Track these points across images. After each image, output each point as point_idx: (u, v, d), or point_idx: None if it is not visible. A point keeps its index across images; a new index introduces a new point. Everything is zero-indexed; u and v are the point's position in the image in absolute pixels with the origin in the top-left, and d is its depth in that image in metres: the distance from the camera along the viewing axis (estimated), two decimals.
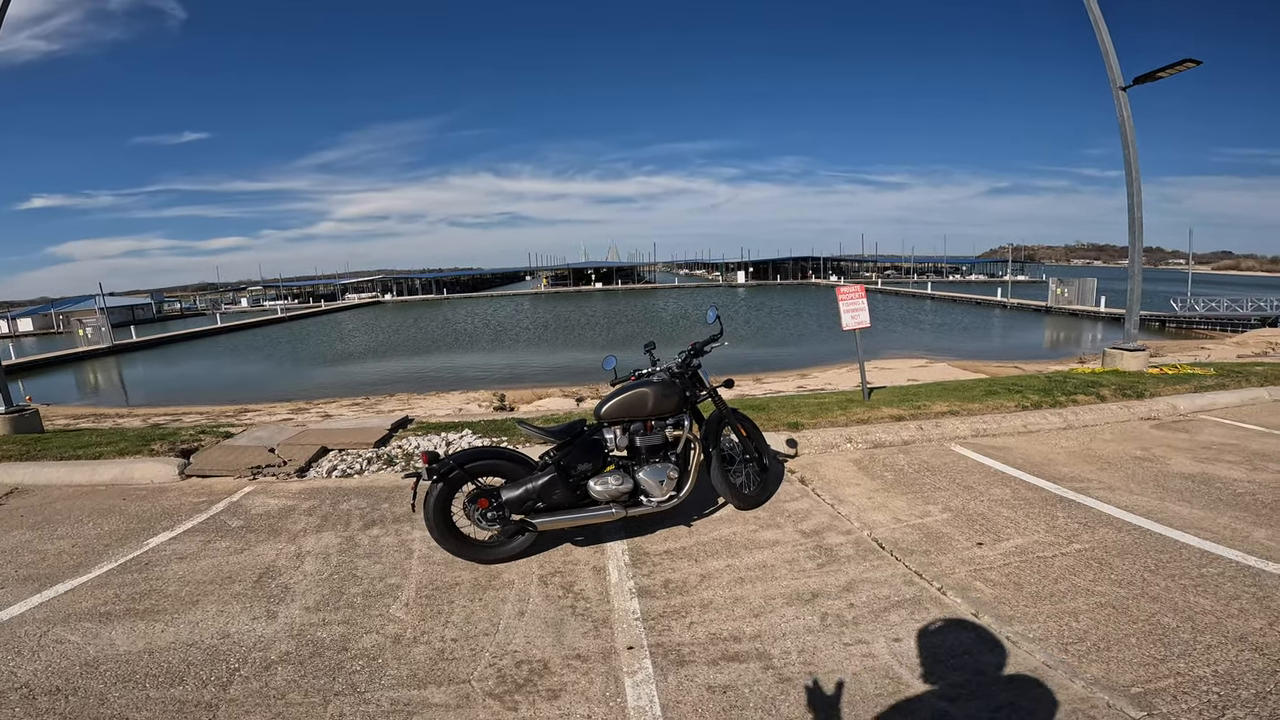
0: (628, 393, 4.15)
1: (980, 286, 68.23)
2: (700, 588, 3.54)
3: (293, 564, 4.02)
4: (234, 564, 4.04)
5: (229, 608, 3.49)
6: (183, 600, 3.59)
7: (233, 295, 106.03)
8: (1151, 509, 4.39)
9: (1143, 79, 8.43)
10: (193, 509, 5.04)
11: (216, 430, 7.24)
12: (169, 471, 5.79)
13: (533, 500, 3.89)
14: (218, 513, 4.95)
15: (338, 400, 18.33)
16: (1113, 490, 4.79)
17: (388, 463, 6.01)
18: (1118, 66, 8.68)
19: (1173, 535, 3.97)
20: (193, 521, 4.77)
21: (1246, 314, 33.03)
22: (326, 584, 3.74)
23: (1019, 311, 44.44)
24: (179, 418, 14.54)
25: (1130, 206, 8.89)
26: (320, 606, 3.48)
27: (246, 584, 3.77)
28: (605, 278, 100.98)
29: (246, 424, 8.71)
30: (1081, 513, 4.38)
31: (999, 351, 26.87)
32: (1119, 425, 6.70)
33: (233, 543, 4.37)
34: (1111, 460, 5.52)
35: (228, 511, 4.97)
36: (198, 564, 4.05)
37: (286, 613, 3.41)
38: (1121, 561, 3.65)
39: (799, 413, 6.70)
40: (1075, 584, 3.43)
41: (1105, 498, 4.63)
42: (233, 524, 4.71)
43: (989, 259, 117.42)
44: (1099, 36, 8.65)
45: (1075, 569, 3.59)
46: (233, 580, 3.82)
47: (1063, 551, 3.81)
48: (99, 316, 41.61)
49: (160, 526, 4.69)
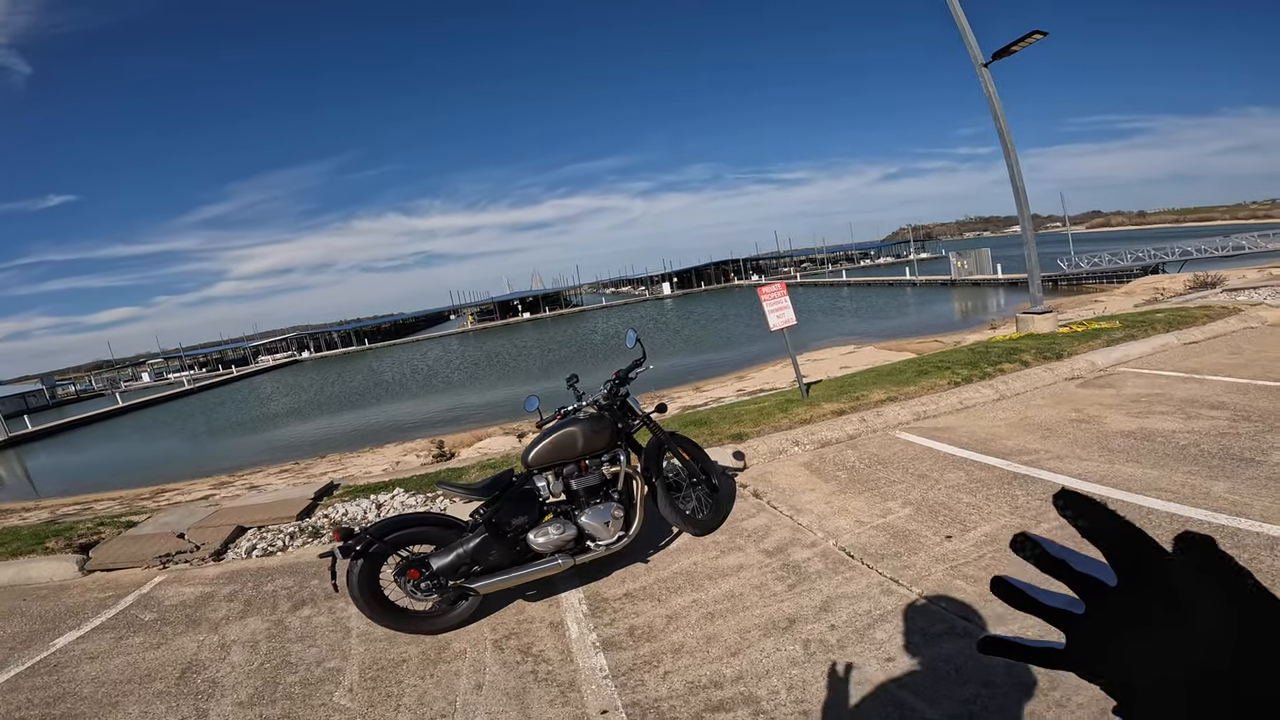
0: (554, 435, 3.86)
1: (889, 268, 71.54)
2: (668, 630, 3.27)
3: (218, 655, 3.59)
4: (151, 660, 3.62)
5: (153, 708, 3.11)
6: (100, 703, 3.21)
7: (132, 371, 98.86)
8: (1105, 474, 4.36)
9: (1000, 54, 8.94)
10: (99, 605, 4.55)
11: (118, 521, 6.53)
12: (68, 568, 5.30)
13: (467, 565, 3.54)
14: (127, 606, 4.48)
15: (264, 469, 17.07)
16: (1062, 459, 4.77)
17: (313, 535, 5.51)
18: (976, 45, 9.14)
19: (1136, 500, 3.91)
20: (101, 618, 4.32)
21: (1129, 265, 35.75)
22: (258, 674, 3.34)
23: (927, 288, 46.57)
24: (89, 506, 13.13)
25: (1012, 176, 9.31)
26: (255, 700, 3.09)
27: (169, 681, 3.36)
28: (532, 307, 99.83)
29: (154, 509, 7.87)
30: (1039, 487, 4.32)
31: (917, 327, 27.96)
32: (1047, 389, 6.87)
33: (147, 638, 3.93)
34: (1051, 427, 5.57)
35: (138, 605, 4.49)
36: (111, 663, 3.63)
37: (218, 710, 3.03)
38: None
39: (741, 422, 6.56)
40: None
41: (1057, 468, 4.59)
42: (145, 617, 4.24)
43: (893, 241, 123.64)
44: (955, 17, 9.09)
45: None
46: (152, 678, 3.42)
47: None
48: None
49: (66, 625, 4.25)
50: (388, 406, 29.64)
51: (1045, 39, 8.50)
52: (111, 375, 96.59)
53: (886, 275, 58.54)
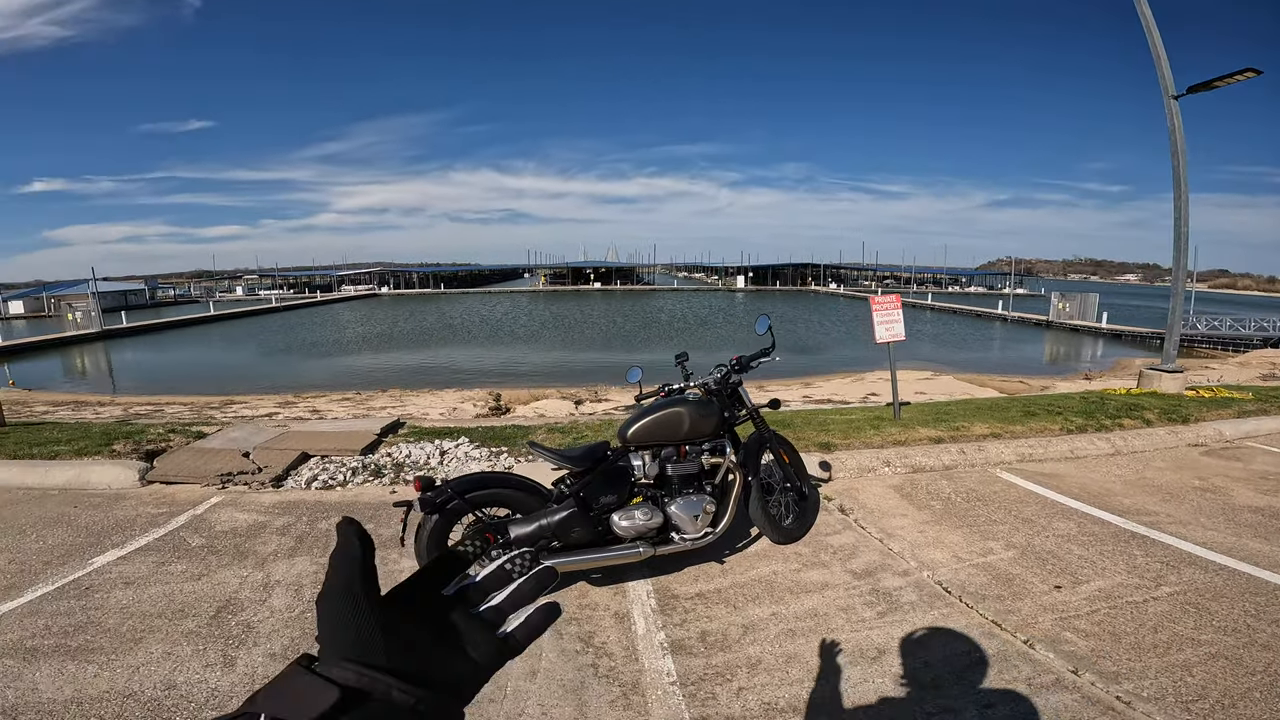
0: (659, 412, 3.58)
1: (980, 299, 68.10)
2: (744, 642, 3.02)
3: (259, 596, 3.44)
4: (189, 593, 3.47)
5: (178, 649, 2.93)
6: (124, 637, 3.03)
7: (228, 283, 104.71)
8: (1231, 546, 4.00)
9: (1198, 87, 7.95)
10: (149, 522, 4.46)
11: (188, 430, 6.67)
12: (129, 476, 5.22)
13: (548, 538, 3.31)
14: (177, 528, 4.36)
15: (328, 394, 17.74)
16: (1184, 525, 4.36)
17: (375, 474, 5.45)
18: (1170, 74, 8.19)
19: (1264, 576, 3.59)
20: (148, 538, 4.19)
21: (1250, 334, 32.82)
22: (297, 624, 3.16)
23: (1019, 325, 44.13)
24: (161, 408, 13.92)
25: (1177, 221, 8.39)
26: (289, 653, 2.90)
27: (202, 620, 3.19)
28: (604, 278, 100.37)
29: (223, 422, 8.13)
30: (1160, 550, 3.94)
31: (1000, 365, 26.52)
32: (1169, 452, 6.24)
33: (190, 566, 3.79)
34: (1173, 491, 5.08)
35: (189, 526, 4.39)
36: (146, 591, 3.48)
37: (247, 659, 2.85)
38: (1219, 606, 3.24)
39: (829, 431, 6.19)
40: (1177, 633, 2.99)
41: (1179, 533, 4.20)
42: (193, 542, 4.13)
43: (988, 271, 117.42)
44: (1151, 42, 8.18)
45: (1172, 615, 3.16)
46: (186, 614, 3.25)
47: (1153, 595, 3.36)
48: (90, 301, 40.69)
49: (110, 542, 4.11)
50: (452, 350, 30.39)
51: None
52: (209, 285, 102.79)
53: (975, 305, 55.77)
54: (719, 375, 3.91)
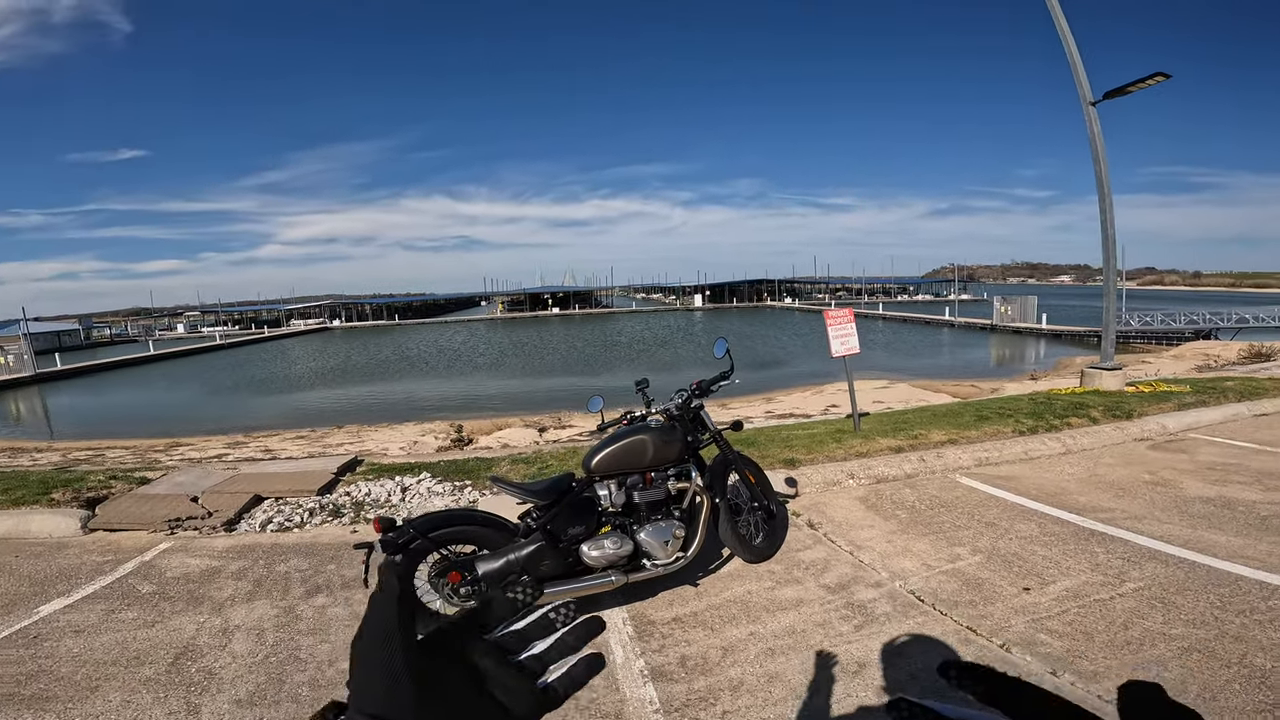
0: (623, 441, 3.57)
1: (927, 306, 70.39)
2: (725, 664, 2.99)
3: (218, 642, 3.30)
4: (143, 640, 3.32)
5: (137, 697, 2.80)
6: (79, 685, 2.89)
7: (168, 321, 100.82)
8: (1188, 539, 4.14)
9: (1113, 93, 8.42)
10: (95, 570, 4.27)
11: (130, 476, 6.34)
12: (70, 524, 5.00)
13: (516, 573, 3.26)
14: (125, 575, 4.19)
15: (281, 433, 17.14)
16: (1140, 520, 4.51)
17: (334, 514, 5.27)
18: (1087, 82, 8.66)
19: (1223, 567, 3.71)
20: (94, 585, 4.02)
21: (1181, 327, 34.64)
22: (262, 669, 3.04)
23: (966, 330, 45.68)
24: (102, 453, 13.25)
25: (1103, 224, 8.83)
26: (255, 699, 2.78)
27: (159, 667, 3.06)
28: (562, 302, 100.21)
29: (168, 466, 7.75)
30: (1120, 547, 4.07)
31: (951, 369, 27.41)
32: (1117, 448, 6.50)
33: (142, 613, 3.63)
34: (1125, 487, 5.27)
35: (137, 573, 4.21)
36: (98, 639, 3.34)
37: (212, 707, 2.72)
38: (1184, 599, 3.34)
39: (792, 447, 6.25)
40: (1148, 629, 3.07)
41: (1136, 528, 4.34)
42: (143, 589, 3.95)
43: (933, 279, 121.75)
44: (1068, 51, 8.64)
45: (1140, 611, 3.25)
46: (142, 661, 3.11)
47: (1119, 592, 3.46)
48: (21, 343, 38.56)
49: (55, 591, 3.93)
50: (409, 384, 29.79)
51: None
52: (148, 323, 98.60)
53: (924, 313, 57.61)
54: (680, 400, 3.92)
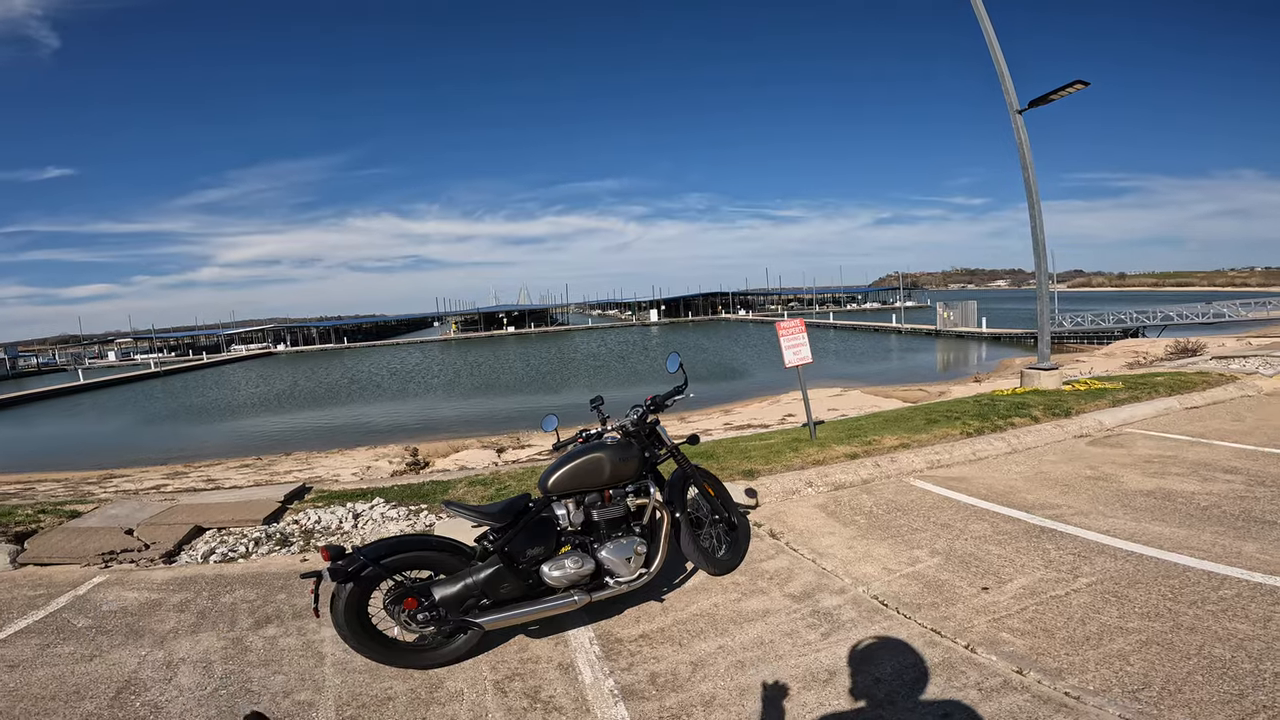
0: (579, 459, 3.53)
1: (875, 314, 72.48)
2: (695, 680, 2.96)
3: (163, 675, 3.14)
4: (82, 674, 3.16)
5: None
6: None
7: (98, 349, 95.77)
8: (1133, 532, 4.31)
9: (1037, 102, 8.88)
10: (26, 604, 4.05)
11: (60, 509, 5.95)
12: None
13: (475, 597, 3.18)
14: (59, 609, 3.97)
15: (224, 461, 16.42)
16: (1086, 515, 4.69)
17: (282, 542, 5.05)
18: (1014, 90, 9.09)
19: (1170, 558, 3.85)
20: (26, 620, 3.81)
21: (1110, 327, 36.55)
22: (211, 702, 2.90)
23: (912, 335, 47.22)
24: (31, 487, 12.42)
25: (1033, 229, 9.25)
26: None
27: (101, 701, 2.90)
28: (517, 321, 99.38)
29: (101, 499, 7.31)
30: (1069, 542, 4.21)
31: (901, 374, 28.25)
32: (1058, 445, 6.78)
33: (79, 647, 3.45)
34: (1069, 483, 5.49)
35: (72, 607, 3.98)
36: (34, 674, 3.18)
37: None
38: (1136, 592, 3.46)
39: (750, 458, 6.30)
40: (1105, 623, 3.17)
41: (1083, 524, 4.51)
42: (78, 623, 3.74)
43: (880, 287, 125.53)
44: (995, 60, 9.07)
45: (1096, 606, 3.35)
46: (82, 696, 2.96)
47: (1073, 588, 3.57)
48: None
49: None
50: (361, 408, 29.00)
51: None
52: (77, 351, 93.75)
53: (872, 320, 59.26)
54: (636, 416, 3.91)
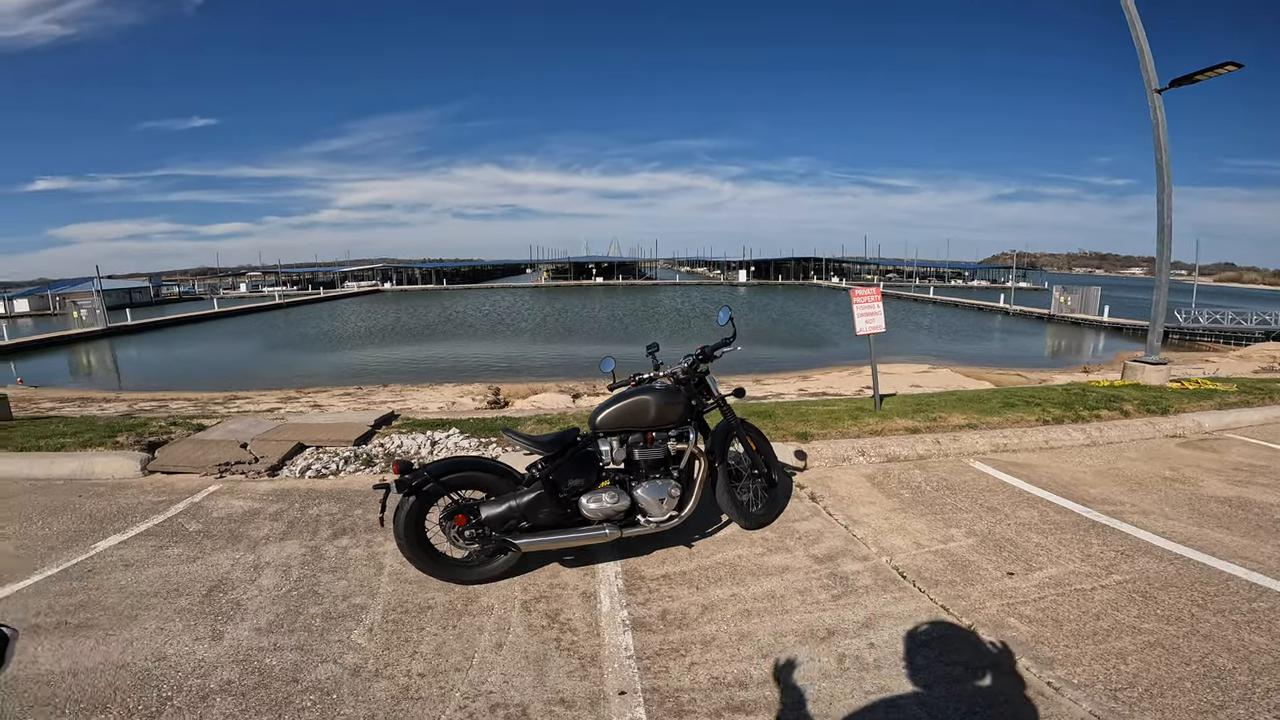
0: (627, 400, 3.74)
1: (982, 292, 67.87)
2: (702, 620, 3.16)
3: (249, 576, 3.62)
4: (184, 574, 3.65)
5: (170, 625, 3.10)
6: (121, 614, 3.20)
7: (232, 280, 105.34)
8: (1190, 536, 4.08)
9: (1180, 81, 7.98)
10: (150, 509, 4.64)
11: (189, 423, 6.84)
12: (131, 466, 5.38)
13: (516, 519, 3.47)
14: (176, 514, 4.54)
15: (329, 389, 17.95)
16: (1147, 515, 4.46)
17: (366, 463, 5.61)
18: (1154, 68, 8.22)
19: (1217, 565, 3.67)
20: (147, 524, 4.37)
21: (1251, 327, 32.68)
22: (283, 601, 3.34)
23: (1021, 318, 44.07)
24: (166, 404, 14.15)
25: (1160, 214, 8.45)
26: (273, 628, 3.09)
27: (194, 598, 3.38)
28: (606, 272, 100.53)
29: (224, 415, 8.30)
30: (1117, 539, 4.04)
31: (1001, 358, 26.58)
32: (1145, 443, 6.35)
33: (186, 549, 3.97)
34: (1142, 481, 5.18)
35: (187, 513, 4.56)
36: (144, 573, 3.66)
37: (234, 634, 3.03)
38: (1166, 595, 3.34)
39: (807, 421, 6.31)
40: (1119, 620, 3.10)
41: (1140, 523, 4.30)
42: (190, 528, 4.30)
43: (992, 265, 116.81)
44: (1135, 36, 8.21)
45: (1117, 603, 3.26)
46: (179, 593, 3.43)
47: (1102, 583, 3.47)
48: (94, 299, 41.04)
49: (112, 528, 4.29)
50: (454, 345, 30.61)
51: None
52: (213, 282, 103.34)
53: (978, 299, 55.62)
54: (686, 365, 4.05)
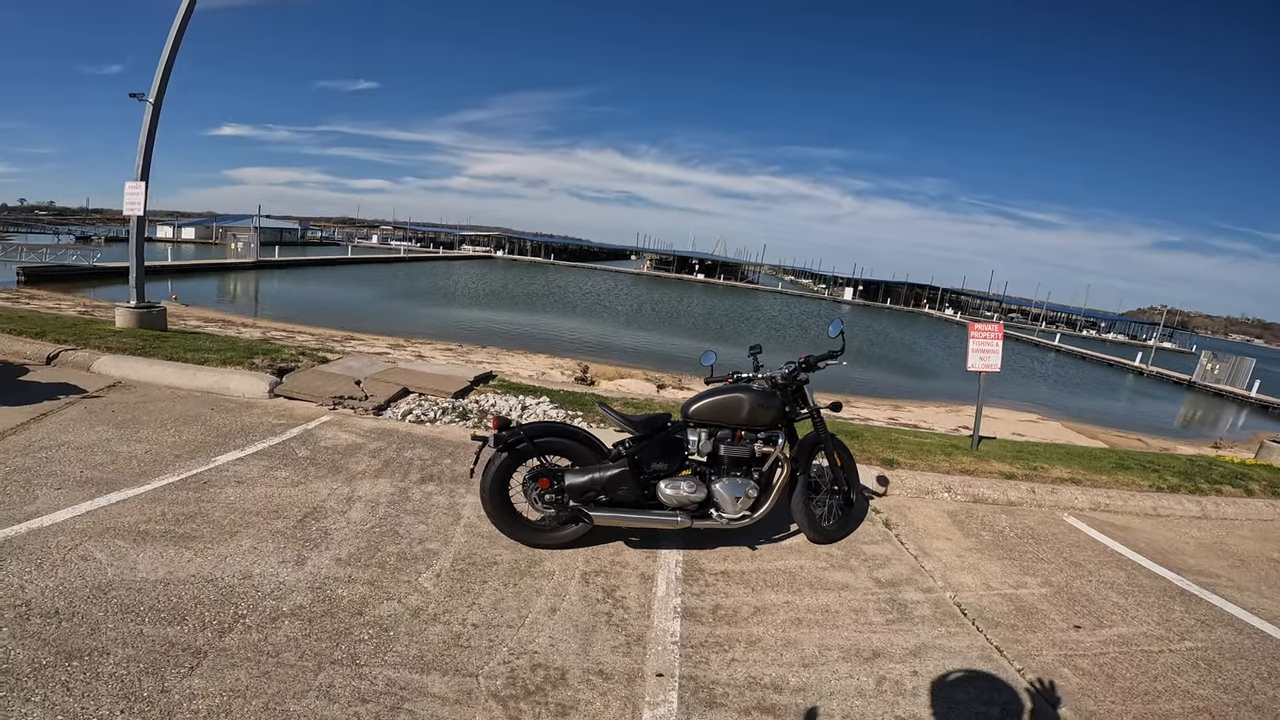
0: (722, 395, 3.81)
1: (1118, 348, 62.00)
2: (751, 621, 3.22)
3: (340, 508, 3.89)
4: (285, 498, 3.93)
5: (263, 545, 3.33)
6: (223, 529, 3.44)
7: (366, 232, 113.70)
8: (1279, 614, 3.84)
9: None
10: (269, 430, 5.07)
11: (315, 354, 7.54)
12: (260, 388, 5.96)
13: (596, 491, 3.61)
14: (290, 439, 4.94)
15: (433, 342, 19.07)
16: (1242, 590, 4.19)
17: (461, 416, 5.99)
18: None
19: None
20: (264, 444, 4.76)
21: None
22: (365, 536, 3.58)
23: (1156, 381, 40.07)
24: (293, 335, 15.56)
25: None
26: (351, 560, 3.31)
27: (290, 521, 3.63)
28: (708, 270, 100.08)
29: (345, 351, 9.08)
30: (1202, 609, 3.84)
31: (1122, 420, 24.32)
32: (1262, 524, 5.81)
33: (292, 474, 4.30)
34: (1247, 558, 4.82)
35: (299, 439, 4.97)
36: (252, 491, 3.95)
37: (316, 561, 3.26)
38: (1233, 665, 3.20)
39: (896, 449, 6.14)
40: (1175, 684, 2.98)
41: (1232, 597, 4.05)
42: (300, 453, 4.68)
43: (1134, 318, 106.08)
44: None
45: (1180, 667, 3.13)
46: (278, 515, 3.68)
47: (1171, 648, 3.31)
48: (251, 234, 45.41)
49: (233, 444, 4.68)
50: (552, 318, 31.57)
51: None
52: (350, 231, 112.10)
53: (1110, 354, 50.93)
54: (787, 371, 4.07)
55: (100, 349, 6.55)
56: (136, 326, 8.07)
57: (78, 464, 4.04)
